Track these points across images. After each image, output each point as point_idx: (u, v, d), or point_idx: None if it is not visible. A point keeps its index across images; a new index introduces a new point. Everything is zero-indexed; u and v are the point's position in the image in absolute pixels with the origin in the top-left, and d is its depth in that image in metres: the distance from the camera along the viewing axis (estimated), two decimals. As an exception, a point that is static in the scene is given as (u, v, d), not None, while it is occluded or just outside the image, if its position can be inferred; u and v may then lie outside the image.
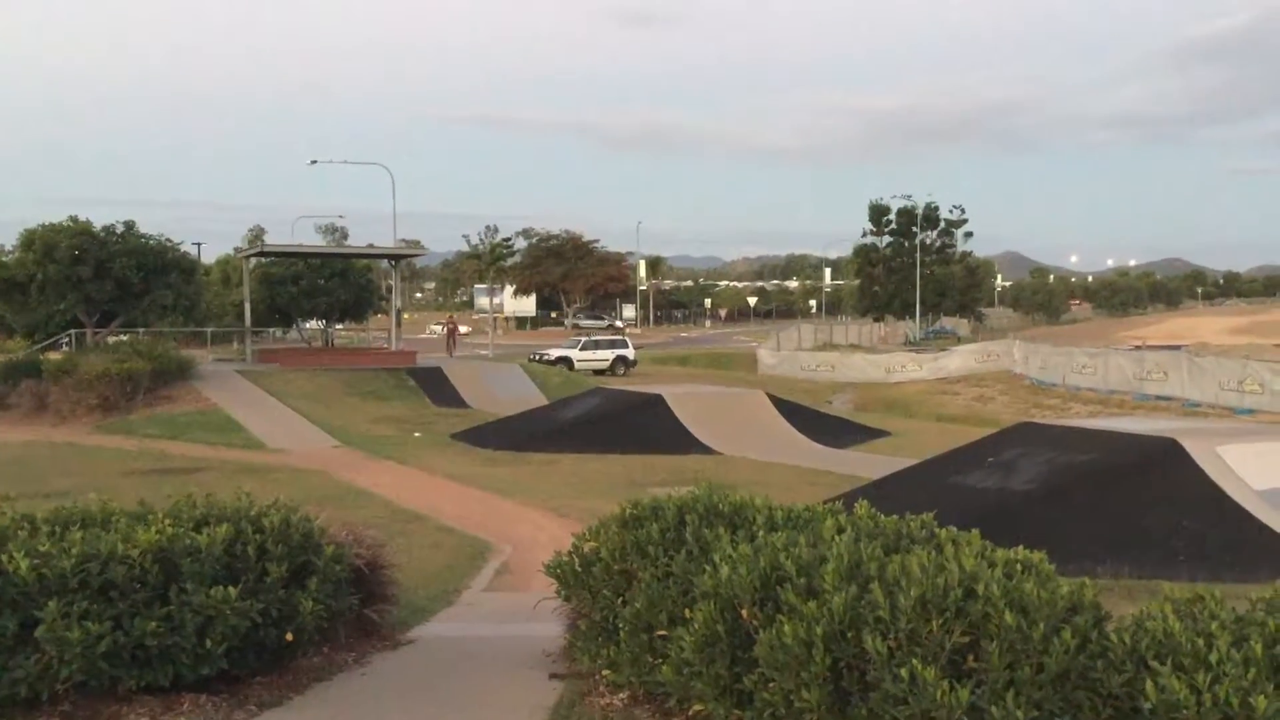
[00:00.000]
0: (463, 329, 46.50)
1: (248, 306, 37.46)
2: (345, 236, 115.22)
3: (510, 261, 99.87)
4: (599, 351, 51.69)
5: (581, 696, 6.15)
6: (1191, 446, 13.49)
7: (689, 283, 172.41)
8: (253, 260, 42.03)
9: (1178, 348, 47.06)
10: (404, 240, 78.39)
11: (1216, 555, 11.39)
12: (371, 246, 53.29)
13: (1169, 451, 13.56)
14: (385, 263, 50.78)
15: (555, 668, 6.78)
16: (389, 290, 48.40)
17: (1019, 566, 4.87)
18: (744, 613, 5.01)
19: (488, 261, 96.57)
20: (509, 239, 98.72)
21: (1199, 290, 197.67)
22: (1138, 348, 47.35)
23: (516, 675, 6.75)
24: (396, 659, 7.27)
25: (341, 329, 50.12)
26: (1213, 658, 3.80)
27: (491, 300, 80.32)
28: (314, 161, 62.31)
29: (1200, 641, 3.92)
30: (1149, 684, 3.78)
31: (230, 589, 5.90)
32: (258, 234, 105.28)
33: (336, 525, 7.61)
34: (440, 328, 45.35)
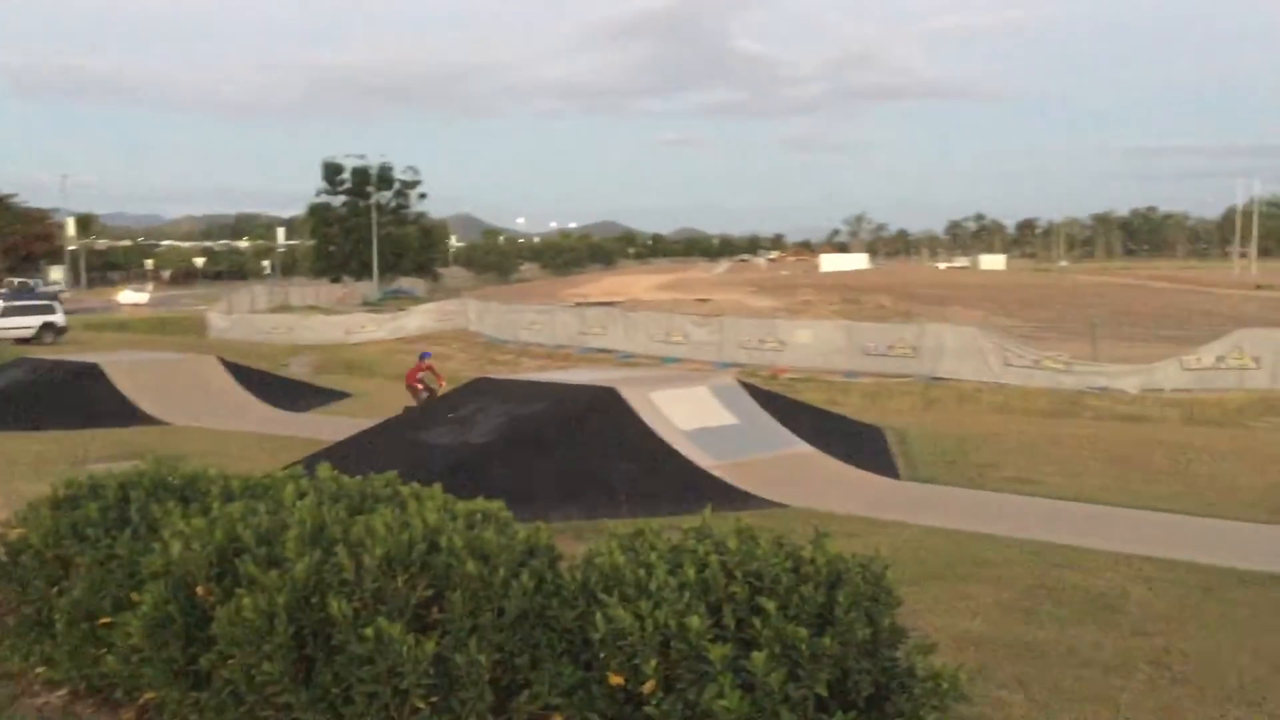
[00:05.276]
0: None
1: None
2: None
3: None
4: (23, 318, 46.38)
5: (13, 699, 5.58)
6: (628, 394, 14.78)
7: (127, 242, 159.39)
8: None
9: (613, 304, 51.10)
10: None
11: (654, 491, 12.54)
12: None
13: (609, 400, 14.75)
14: None
15: (-22, 673, 6.03)
16: None
17: (480, 516, 5.02)
18: (199, 590, 4.74)
19: None
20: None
21: (631, 251, 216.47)
22: (579, 305, 50.78)
23: (-72, 689, 5.90)
24: None
25: None
26: (653, 585, 4.15)
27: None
28: None
29: (642, 572, 4.26)
30: (598, 615, 4.06)
31: None
32: None
33: None
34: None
